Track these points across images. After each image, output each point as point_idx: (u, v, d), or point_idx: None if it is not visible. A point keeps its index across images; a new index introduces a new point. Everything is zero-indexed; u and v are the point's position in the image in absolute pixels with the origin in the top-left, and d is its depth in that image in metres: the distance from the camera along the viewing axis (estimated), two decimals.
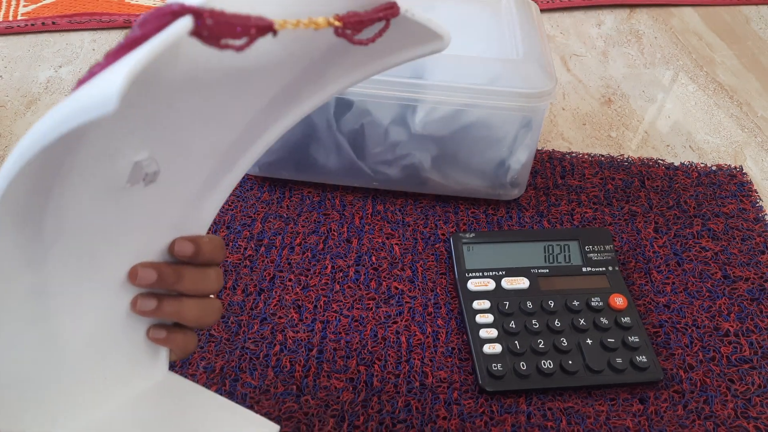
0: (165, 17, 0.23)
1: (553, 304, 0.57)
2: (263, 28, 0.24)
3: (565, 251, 0.62)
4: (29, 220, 0.28)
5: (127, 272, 0.35)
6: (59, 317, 0.33)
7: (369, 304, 0.59)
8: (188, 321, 0.37)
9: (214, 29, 0.23)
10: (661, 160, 0.76)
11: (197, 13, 0.23)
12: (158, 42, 0.22)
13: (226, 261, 0.61)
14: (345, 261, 0.62)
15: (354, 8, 0.29)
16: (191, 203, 0.36)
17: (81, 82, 0.24)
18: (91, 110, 0.21)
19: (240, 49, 0.24)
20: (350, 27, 0.28)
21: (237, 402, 0.51)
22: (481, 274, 0.60)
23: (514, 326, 0.56)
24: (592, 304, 0.58)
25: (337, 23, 0.27)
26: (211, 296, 0.39)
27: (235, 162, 0.37)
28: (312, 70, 0.34)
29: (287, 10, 0.27)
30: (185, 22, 0.22)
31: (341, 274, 0.61)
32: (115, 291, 0.35)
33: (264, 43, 0.25)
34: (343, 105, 0.63)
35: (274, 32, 0.24)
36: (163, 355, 0.39)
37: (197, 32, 0.23)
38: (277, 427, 0.39)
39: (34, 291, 0.31)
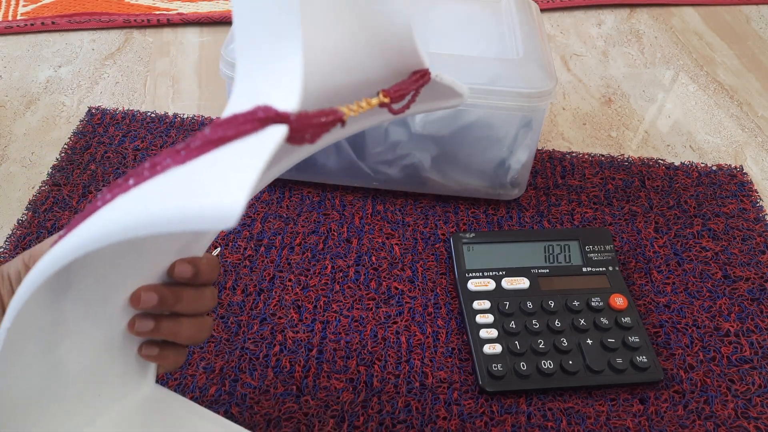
0: (251, 123, 0.23)
1: (553, 304, 0.57)
2: (336, 121, 0.25)
3: (565, 251, 0.62)
4: (62, 270, 0.29)
5: (129, 296, 0.35)
6: (66, 344, 0.34)
7: (369, 304, 0.59)
8: (183, 339, 0.38)
9: (298, 131, 0.24)
10: (662, 160, 0.76)
11: (288, 120, 0.23)
12: (265, 157, 0.22)
13: (226, 261, 0.61)
14: (345, 261, 0.62)
15: (394, 75, 0.31)
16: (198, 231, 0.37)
17: (153, 168, 0.24)
18: (207, 223, 0.21)
19: (312, 141, 0.25)
20: (395, 101, 0.30)
21: (237, 402, 0.51)
22: (481, 274, 0.60)
23: (514, 326, 0.56)
24: (593, 304, 0.58)
25: (385, 100, 0.29)
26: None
27: None
28: None
29: (343, 85, 0.28)
30: (281, 131, 0.23)
31: (341, 274, 0.61)
32: (116, 314, 0.35)
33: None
34: None
35: (343, 123, 0.26)
36: (151, 369, 0.40)
37: (289, 138, 0.23)
38: None
39: (51, 324, 0.32)
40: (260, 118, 0.23)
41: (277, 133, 0.23)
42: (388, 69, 0.31)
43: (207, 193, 0.21)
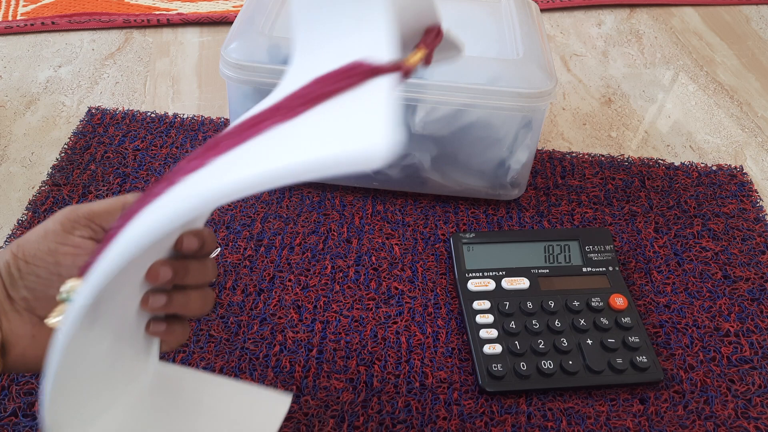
0: (361, 75, 0.25)
1: (553, 305, 0.57)
2: (409, 70, 0.29)
3: (565, 251, 0.62)
4: None
5: (142, 275, 0.35)
6: (94, 330, 0.34)
7: (369, 304, 0.59)
8: (192, 311, 0.39)
9: (405, 75, 0.27)
10: (662, 160, 0.76)
11: (399, 68, 0.26)
12: (390, 100, 0.23)
13: (226, 261, 0.61)
14: (345, 261, 0.62)
15: (412, 34, 0.33)
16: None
17: (249, 129, 0.25)
18: (357, 164, 0.22)
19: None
20: (430, 54, 0.33)
21: None
22: (481, 274, 0.60)
23: (514, 326, 0.56)
24: (593, 304, 0.58)
25: (426, 50, 0.32)
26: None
27: None
28: None
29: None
30: (395, 78, 0.26)
31: (341, 275, 0.61)
32: (131, 294, 0.36)
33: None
34: None
35: (408, 74, 0.28)
36: (155, 348, 0.41)
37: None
38: (289, 398, 0.41)
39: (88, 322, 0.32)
40: (372, 69, 0.25)
41: (393, 78, 0.25)
42: (407, 26, 0.32)
43: (355, 137, 0.22)
